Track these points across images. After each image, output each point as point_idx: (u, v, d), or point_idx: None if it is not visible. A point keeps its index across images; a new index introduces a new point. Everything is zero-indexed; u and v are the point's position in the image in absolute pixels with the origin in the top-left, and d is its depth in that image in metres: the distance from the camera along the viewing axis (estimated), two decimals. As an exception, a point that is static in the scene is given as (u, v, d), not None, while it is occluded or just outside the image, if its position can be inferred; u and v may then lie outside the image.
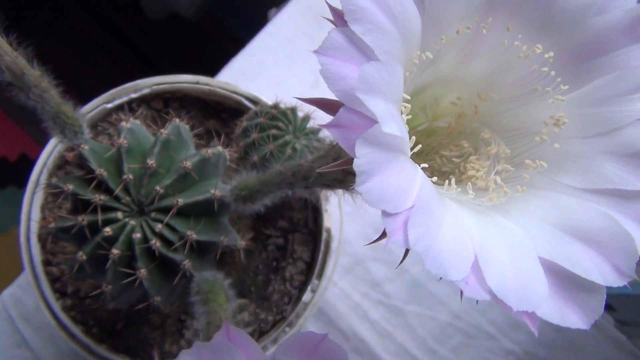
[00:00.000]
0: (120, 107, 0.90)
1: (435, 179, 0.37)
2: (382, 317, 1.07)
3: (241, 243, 0.72)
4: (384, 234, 0.32)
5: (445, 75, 0.40)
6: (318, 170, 0.39)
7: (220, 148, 0.72)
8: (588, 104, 0.39)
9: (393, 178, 0.29)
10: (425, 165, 0.34)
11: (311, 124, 0.81)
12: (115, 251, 0.64)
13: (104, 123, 0.90)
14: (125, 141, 0.67)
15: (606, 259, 0.33)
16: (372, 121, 0.28)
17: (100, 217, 0.65)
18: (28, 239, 0.84)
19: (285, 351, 0.32)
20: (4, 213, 2.20)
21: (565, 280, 0.33)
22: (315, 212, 0.90)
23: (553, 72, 0.40)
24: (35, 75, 0.55)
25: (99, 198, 0.65)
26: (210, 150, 0.70)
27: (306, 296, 0.87)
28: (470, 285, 0.30)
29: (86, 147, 0.67)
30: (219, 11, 2.28)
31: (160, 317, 0.87)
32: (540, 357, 1.07)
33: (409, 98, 0.33)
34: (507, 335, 1.07)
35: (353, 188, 0.48)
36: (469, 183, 0.39)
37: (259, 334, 0.87)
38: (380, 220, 1.03)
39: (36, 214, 0.85)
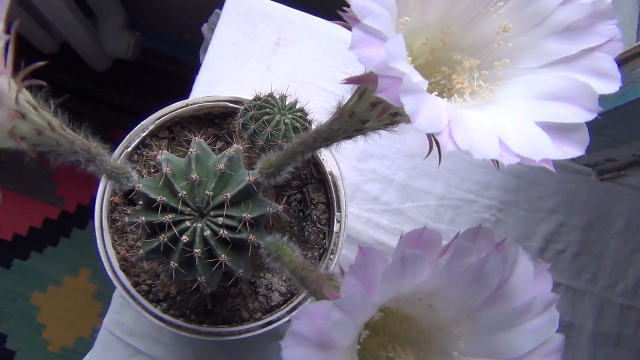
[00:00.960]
0: (137, 147, 0.93)
1: (446, 99, 0.43)
2: (389, 220, 1.14)
3: (280, 208, 0.77)
4: (430, 150, 0.38)
5: (412, 28, 0.45)
6: (367, 125, 0.44)
7: (236, 145, 0.76)
8: (520, 7, 0.44)
9: (430, 108, 0.34)
10: (436, 92, 0.40)
11: (289, 100, 0.85)
12: (197, 250, 0.69)
13: (130, 163, 0.92)
14: (168, 169, 0.71)
15: (577, 105, 0.39)
16: (399, 79, 0.34)
17: (175, 230, 0.70)
18: (114, 272, 0.88)
19: (402, 246, 0.38)
20: (52, 269, 2.20)
21: (556, 130, 0.39)
22: (315, 164, 0.96)
23: (489, -4, 0.45)
24: (95, 146, 0.58)
25: (168, 217, 0.69)
26: (231, 150, 0.74)
27: (335, 227, 0.93)
28: (504, 156, 0.36)
29: (141, 186, 0.71)
30: (152, 44, 2.26)
31: (236, 287, 0.92)
32: (511, 200, 1.17)
33: (408, 53, 0.39)
34: (483, 195, 1.16)
35: (367, 131, 0.53)
36: (465, 93, 0.45)
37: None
38: (359, 153, 1.08)
39: (111, 252, 0.89)
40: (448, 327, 0.46)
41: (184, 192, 0.70)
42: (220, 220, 0.71)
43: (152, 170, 0.94)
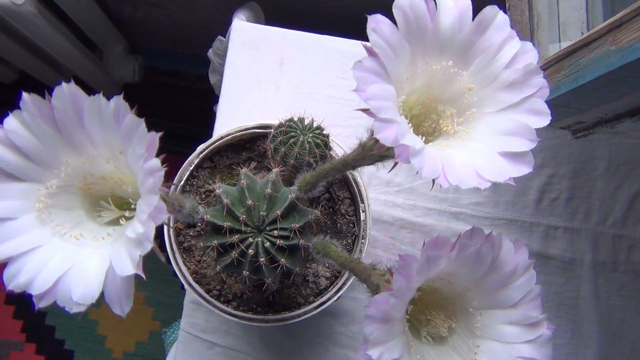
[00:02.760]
0: (187, 180, 1.12)
1: (430, 143, 0.62)
2: (404, 198, 1.34)
3: (318, 213, 0.96)
4: (433, 184, 0.57)
5: (407, 92, 0.63)
6: (395, 160, 0.63)
7: (275, 170, 0.95)
8: (477, 72, 0.62)
9: (429, 162, 0.53)
10: (430, 144, 0.58)
11: (307, 121, 1.04)
12: (262, 259, 0.89)
13: (183, 194, 1.12)
14: (227, 200, 0.91)
15: (523, 138, 0.57)
16: (407, 146, 0.52)
17: (242, 246, 0.89)
18: (190, 285, 1.08)
19: (426, 250, 0.58)
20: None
21: (512, 156, 0.57)
22: (336, 167, 1.15)
23: (456, 69, 0.63)
24: (183, 199, 0.78)
25: (235, 237, 0.89)
26: (272, 175, 0.93)
27: (362, 216, 1.12)
28: (481, 183, 0.54)
29: (209, 216, 0.90)
30: (152, 62, 2.42)
31: (289, 280, 1.12)
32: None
33: (406, 107, 0.57)
34: (480, 163, 1.35)
35: (382, 159, 0.72)
36: (450, 134, 0.64)
37: (348, 252, 1.13)
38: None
39: (184, 268, 1.09)
40: (463, 293, 0.66)
41: (244, 216, 0.90)
42: (275, 232, 0.90)
43: (204, 196, 1.14)
